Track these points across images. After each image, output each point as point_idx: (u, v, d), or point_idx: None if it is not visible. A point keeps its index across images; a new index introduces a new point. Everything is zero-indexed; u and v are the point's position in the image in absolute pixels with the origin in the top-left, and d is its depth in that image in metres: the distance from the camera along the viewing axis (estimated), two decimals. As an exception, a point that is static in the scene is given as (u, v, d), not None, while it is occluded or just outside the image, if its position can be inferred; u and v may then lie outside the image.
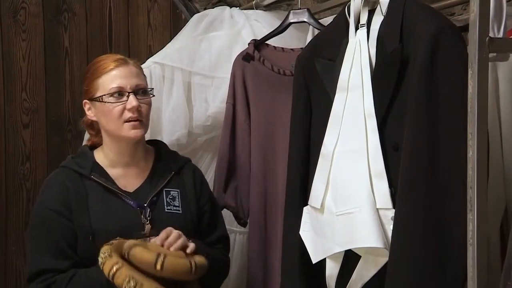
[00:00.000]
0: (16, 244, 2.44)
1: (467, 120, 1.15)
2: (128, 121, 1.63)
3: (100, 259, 1.48)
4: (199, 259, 1.54)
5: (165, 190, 1.69)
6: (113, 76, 1.64)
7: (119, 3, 2.53)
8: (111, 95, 1.63)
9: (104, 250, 1.49)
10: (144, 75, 1.73)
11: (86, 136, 2.07)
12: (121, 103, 1.62)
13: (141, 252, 1.47)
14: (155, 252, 1.47)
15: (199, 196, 1.75)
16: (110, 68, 1.64)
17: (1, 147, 2.42)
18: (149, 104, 1.68)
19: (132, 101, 1.62)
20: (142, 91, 1.66)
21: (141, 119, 1.64)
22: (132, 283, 1.42)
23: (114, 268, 1.44)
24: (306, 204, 1.52)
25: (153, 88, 1.74)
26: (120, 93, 1.63)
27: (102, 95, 1.63)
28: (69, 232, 1.59)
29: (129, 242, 1.50)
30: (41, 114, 2.46)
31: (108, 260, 1.46)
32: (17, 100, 2.43)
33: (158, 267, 1.44)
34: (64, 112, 2.48)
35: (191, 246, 1.55)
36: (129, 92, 1.63)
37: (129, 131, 1.63)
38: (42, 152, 2.46)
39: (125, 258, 1.48)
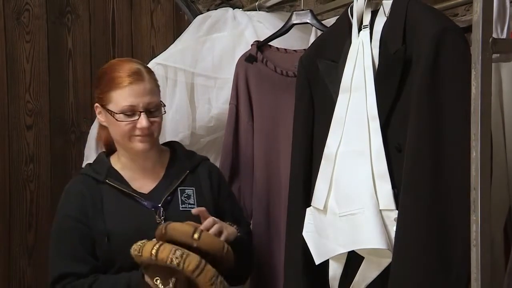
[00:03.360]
0: (19, 245, 2.45)
1: (471, 121, 1.15)
2: (137, 135, 1.63)
3: (137, 248, 1.48)
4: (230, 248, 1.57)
5: (180, 189, 1.69)
6: (126, 94, 1.62)
7: (122, 4, 2.53)
8: (123, 113, 1.62)
9: (137, 243, 1.50)
10: (158, 88, 1.70)
11: (90, 135, 2.08)
12: (131, 121, 1.62)
13: (180, 224, 1.52)
14: (193, 225, 1.53)
15: (217, 194, 1.75)
16: (124, 84, 1.62)
17: (5, 149, 2.43)
18: (161, 119, 1.68)
19: (142, 120, 1.61)
20: (154, 108, 1.65)
21: (151, 133, 1.65)
22: (178, 253, 1.44)
23: (157, 245, 1.45)
24: (309, 205, 1.52)
25: (165, 105, 1.71)
26: (131, 111, 1.62)
27: (113, 111, 1.63)
28: (87, 238, 1.62)
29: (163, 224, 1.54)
30: (45, 115, 2.46)
31: (146, 244, 1.48)
32: (20, 102, 2.44)
33: (196, 236, 1.47)
34: (67, 113, 2.48)
35: (229, 229, 1.60)
36: (140, 112, 1.62)
37: (137, 144, 1.64)
38: (45, 154, 2.47)
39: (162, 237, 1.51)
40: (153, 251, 1.45)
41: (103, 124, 1.71)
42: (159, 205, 1.65)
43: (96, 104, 1.70)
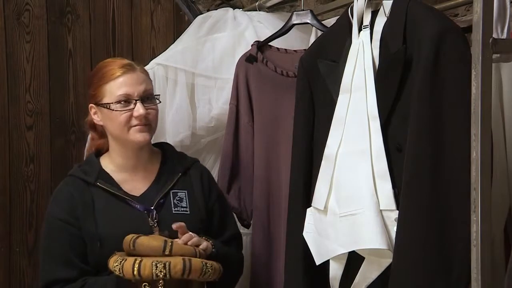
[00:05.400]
0: (20, 245, 2.45)
1: (471, 121, 1.15)
2: (135, 126, 1.63)
3: (116, 268, 1.49)
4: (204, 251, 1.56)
5: (172, 192, 1.69)
6: (120, 83, 1.64)
7: (123, 5, 2.53)
8: (118, 102, 1.63)
9: (114, 259, 1.51)
10: (151, 80, 1.73)
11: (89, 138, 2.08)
12: (128, 110, 1.63)
13: (147, 239, 1.51)
14: (162, 239, 1.51)
15: (208, 196, 1.75)
16: (117, 74, 1.64)
17: (5, 149, 2.43)
18: (157, 110, 1.69)
19: (139, 108, 1.62)
20: (148, 97, 1.67)
21: (148, 123, 1.65)
22: (160, 265, 1.45)
23: (136, 264, 1.45)
24: (310, 206, 1.52)
25: (159, 95, 1.74)
26: (127, 100, 1.63)
27: (109, 103, 1.64)
28: (78, 241, 1.61)
29: (128, 236, 1.52)
30: (45, 116, 2.46)
31: (124, 263, 1.47)
32: (21, 102, 2.44)
33: (167, 252, 1.48)
34: (67, 113, 2.48)
35: (203, 244, 1.57)
36: (136, 100, 1.63)
37: (136, 135, 1.64)
38: (46, 154, 2.47)
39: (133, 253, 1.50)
40: (135, 272, 1.45)
41: (99, 124, 1.71)
42: (152, 207, 1.64)
43: (91, 104, 1.70)
